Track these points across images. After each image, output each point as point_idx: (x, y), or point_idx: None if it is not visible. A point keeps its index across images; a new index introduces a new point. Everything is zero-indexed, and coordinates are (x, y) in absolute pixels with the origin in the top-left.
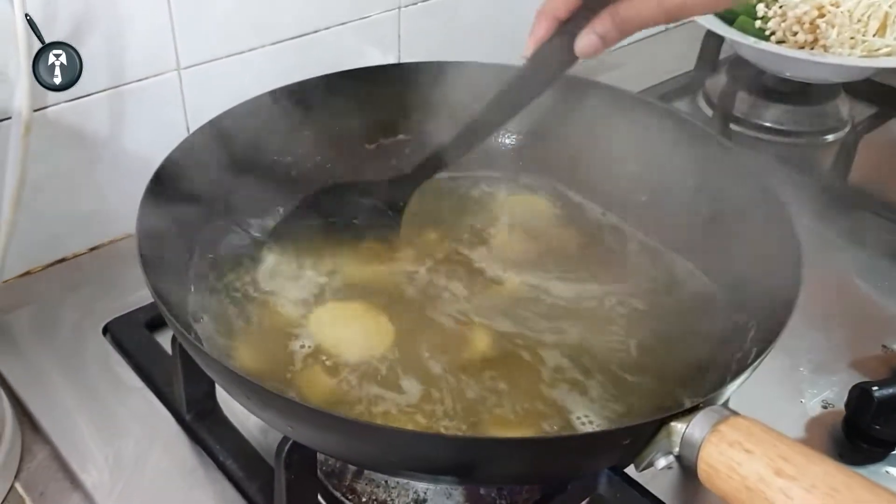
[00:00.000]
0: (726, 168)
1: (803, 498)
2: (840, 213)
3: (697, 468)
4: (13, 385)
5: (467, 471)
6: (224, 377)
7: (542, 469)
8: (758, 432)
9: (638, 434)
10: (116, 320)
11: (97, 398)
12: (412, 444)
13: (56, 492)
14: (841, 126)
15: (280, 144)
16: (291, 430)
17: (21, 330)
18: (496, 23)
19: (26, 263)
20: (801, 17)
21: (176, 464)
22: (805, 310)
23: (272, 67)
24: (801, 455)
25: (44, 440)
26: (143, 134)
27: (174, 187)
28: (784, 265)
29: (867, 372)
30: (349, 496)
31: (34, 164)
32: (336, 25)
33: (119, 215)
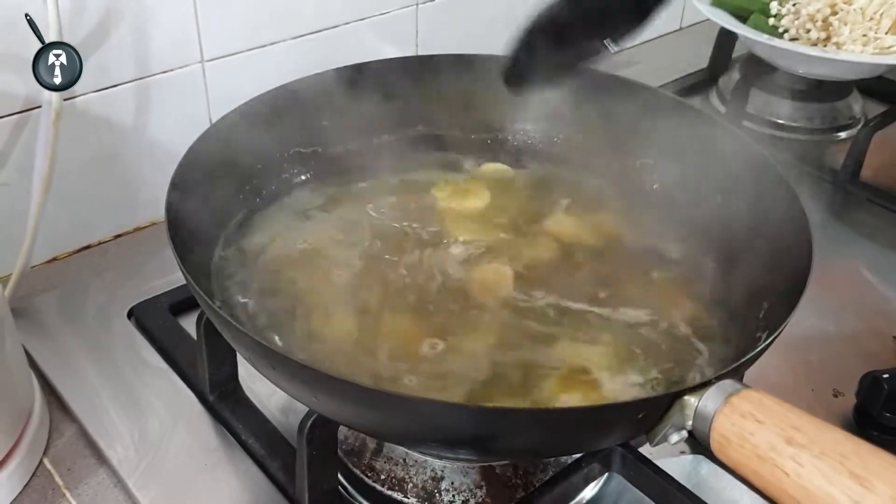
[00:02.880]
0: (736, 154)
1: (813, 464)
2: (852, 209)
3: (710, 439)
4: (42, 366)
5: (484, 442)
6: (250, 348)
7: (558, 442)
8: (769, 404)
9: (653, 407)
10: (141, 304)
11: (122, 379)
12: (433, 413)
13: (83, 467)
14: (854, 123)
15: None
16: (316, 401)
17: (49, 314)
18: (513, 18)
19: (53, 250)
20: (814, 15)
21: (199, 442)
22: (818, 302)
23: (293, 60)
24: (811, 424)
25: (71, 419)
26: (168, 124)
27: (206, 165)
28: (795, 247)
29: (878, 362)
30: (368, 474)
31: (63, 152)
32: (356, 20)
33: (143, 203)
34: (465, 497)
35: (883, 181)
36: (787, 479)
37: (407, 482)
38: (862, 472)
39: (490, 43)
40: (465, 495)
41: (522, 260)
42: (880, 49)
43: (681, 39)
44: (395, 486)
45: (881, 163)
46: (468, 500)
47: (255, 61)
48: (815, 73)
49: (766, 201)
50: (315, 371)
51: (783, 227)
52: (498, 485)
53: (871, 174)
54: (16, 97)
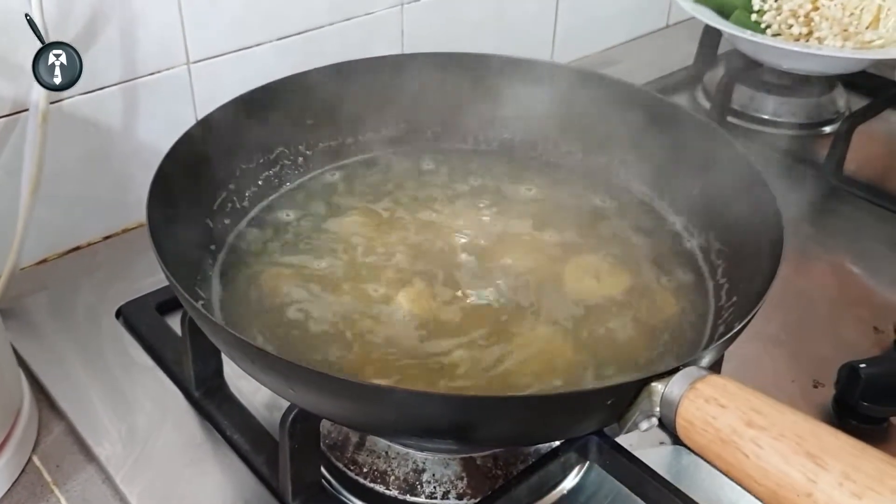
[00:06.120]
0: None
1: (772, 445)
2: (836, 202)
3: (676, 424)
4: (31, 365)
5: (459, 430)
6: (228, 343)
7: (532, 429)
8: (732, 389)
9: (621, 393)
10: (129, 304)
11: (110, 377)
12: (409, 403)
13: (71, 464)
14: (838, 117)
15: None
16: (294, 393)
17: (38, 314)
18: (498, 18)
19: (43, 251)
20: (796, 11)
21: (185, 438)
22: (800, 293)
23: (278, 61)
24: (771, 408)
25: (60, 416)
26: (155, 126)
27: (186, 167)
28: (766, 239)
29: (859, 353)
30: (351, 467)
31: (51, 154)
32: (342, 21)
33: (131, 205)
34: (446, 488)
35: (866, 175)
36: (748, 460)
37: (389, 475)
38: (817, 452)
39: (476, 42)
40: (446, 486)
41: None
42: (861, 44)
43: (667, 37)
44: (378, 478)
45: (865, 156)
46: (449, 492)
47: (241, 62)
48: (798, 68)
49: (738, 193)
50: (289, 363)
51: (755, 218)
52: (478, 475)
53: (854, 168)
54: (3, 100)
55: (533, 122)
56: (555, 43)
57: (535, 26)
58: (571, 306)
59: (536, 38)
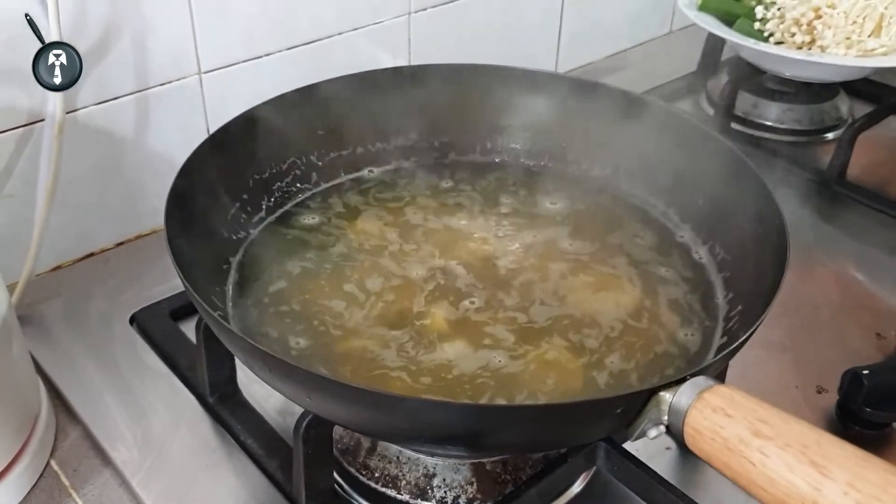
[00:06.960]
0: (716, 157)
1: (778, 455)
2: (839, 209)
3: (684, 433)
4: (47, 371)
5: (472, 437)
6: (246, 352)
7: (542, 436)
8: (739, 399)
9: (630, 402)
10: (142, 310)
11: (125, 383)
12: (422, 411)
13: (88, 468)
14: (841, 124)
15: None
16: (310, 401)
17: (53, 320)
18: (503, 26)
19: (57, 258)
20: (799, 19)
21: (200, 443)
22: (804, 300)
23: (289, 71)
24: (777, 418)
25: (76, 421)
26: (167, 135)
27: (202, 177)
28: (771, 250)
29: (862, 359)
30: (363, 472)
31: (66, 163)
32: (350, 31)
33: (144, 212)
34: (456, 493)
35: (869, 181)
36: (755, 469)
37: (400, 479)
38: (822, 461)
39: (481, 51)
40: (456, 491)
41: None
42: (863, 52)
43: (671, 44)
44: (389, 483)
45: (867, 163)
46: (459, 496)
47: (251, 72)
48: (801, 75)
49: (743, 203)
50: (308, 372)
51: (760, 228)
52: (488, 480)
53: (857, 174)
54: (20, 111)
55: (548, 134)
56: (559, 50)
57: (540, 34)
58: (579, 316)
59: (541, 46)
